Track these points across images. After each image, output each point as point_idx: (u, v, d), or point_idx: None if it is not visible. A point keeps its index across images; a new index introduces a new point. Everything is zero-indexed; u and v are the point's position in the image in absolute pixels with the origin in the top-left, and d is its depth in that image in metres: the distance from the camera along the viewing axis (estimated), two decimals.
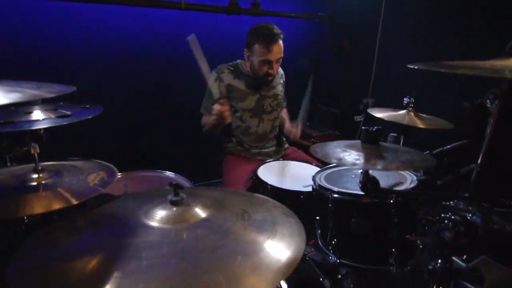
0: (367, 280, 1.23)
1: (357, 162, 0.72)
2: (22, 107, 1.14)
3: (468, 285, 1.36)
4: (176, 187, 0.75)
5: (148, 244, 0.63)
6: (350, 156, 0.75)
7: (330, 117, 2.80)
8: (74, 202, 0.87)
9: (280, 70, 1.95)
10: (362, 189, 0.78)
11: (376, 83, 2.56)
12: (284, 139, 2.01)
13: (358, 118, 2.61)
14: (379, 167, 0.70)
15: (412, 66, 0.89)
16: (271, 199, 0.91)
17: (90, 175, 0.95)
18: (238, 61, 1.85)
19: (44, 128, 1.11)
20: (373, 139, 0.79)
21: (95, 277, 0.53)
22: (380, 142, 0.84)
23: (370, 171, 0.82)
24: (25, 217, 1.22)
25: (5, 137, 0.95)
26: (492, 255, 1.20)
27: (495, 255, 1.21)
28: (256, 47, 1.65)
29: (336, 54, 2.86)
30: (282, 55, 1.70)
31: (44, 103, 1.21)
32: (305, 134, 2.67)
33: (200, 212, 0.75)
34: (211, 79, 1.53)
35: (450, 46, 2.00)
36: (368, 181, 0.77)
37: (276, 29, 1.65)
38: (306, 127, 2.87)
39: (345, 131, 2.70)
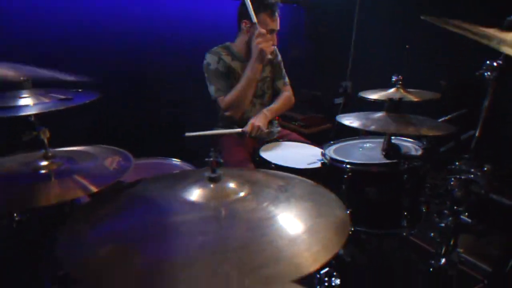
0: (364, 253, 1.33)
1: (390, 127, 0.77)
2: (11, 91, 1.02)
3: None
4: (214, 164, 0.74)
5: (203, 219, 0.62)
6: (380, 122, 0.79)
7: (311, 100, 2.87)
8: (94, 189, 0.81)
9: (275, 50, 1.91)
10: (385, 155, 0.83)
11: (354, 66, 2.67)
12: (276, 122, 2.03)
13: (338, 100, 2.72)
14: (411, 131, 0.75)
15: (423, 18, 0.93)
16: (293, 175, 0.94)
17: (106, 160, 0.90)
18: (228, 43, 1.80)
19: (35, 115, 1.01)
20: (397, 108, 0.84)
21: (166, 255, 0.52)
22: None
23: (367, 145, 0.86)
24: (15, 214, 1.12)
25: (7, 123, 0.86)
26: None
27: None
28: (261, 16, 1.60)
29: (315, 38, 2.92)
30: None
31: (34, 87, 1.10)
32: (290, 117, 2.72)
33: (238, 188, 0.74)
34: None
35: (428, 27, 2.12)
36: (391, 148, 0.82)
37: None
38: (289, 110, 2.91)
39: (326, 113, 2.80)
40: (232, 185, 0.75)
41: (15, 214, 1.09)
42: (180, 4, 2.23)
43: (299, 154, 1.58)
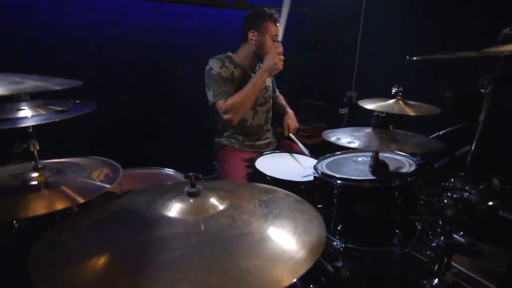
0: (363, 267, 1.29)
1: (373, 144, 0.75)
2: (10, 104, 1.07)
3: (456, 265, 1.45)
4: (193, 178, 0.75)
5: (174, 235, 0.62)
6: (364, 139, 0.77)
7: (315, 111, 2.86)
8: (81, 200, 0.83)
9: None
10: (372, 173, 0.81)
11: (359, 76, 2.65)
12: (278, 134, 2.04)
13: (343, 110, 2.68)
14: (394, 148, 0.73)
15: (415, 58, 0.93)
16: (280, 189, 0.93)
17: (94, 172, 0.92)
18: (229, 53, 1.84)
19: (32, 126, 1.05)
20: (383, 124, 0.82)
21: (130, 272, 0.52)
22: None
23: (363, 159, 0.85)
24: (15, 222, 1.16)
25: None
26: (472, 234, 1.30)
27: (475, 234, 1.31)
28: (266, 24, 1.71)
29: (320, 48, 2.92)
30: None
31: (32, 99, 1.14)
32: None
33: (218, 203, 0.74)
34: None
35: (432, 37, 2.09)
36: (377, 165, 0.81)
37: None
38: None
39: (330, 124, 2.77)
40: (211, 200, 0.75)
41: (14, 221, 1.12)
42: (174, 15, 2.27)
43: (297, 166, 1.56)
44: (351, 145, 0.78)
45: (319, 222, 0.73)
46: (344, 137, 0.81)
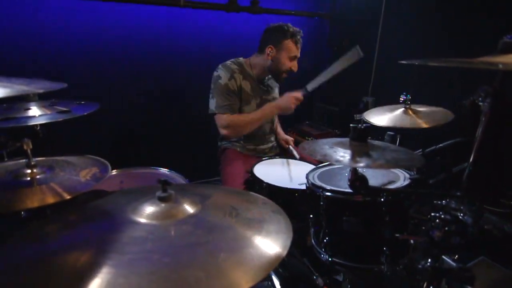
0: (364, 282, 1.23)
1: (342, 159, 0.72)
2: (19, 103, 1.15)
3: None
4: (164, 183, 0.76)
5: (132, 239, 0.63)
6: (336, 153, 0.74)
7: (329, 116, 2.79)
8: (67, 196, 0.88)
9: None
10: (350, 187, 0.78)
11: (376, 82, 2.55)
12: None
13: (358, 116, 2.60)
14: (361, 164, 0.70)
15: (404, 62, 0.88)
16: (261, 196, 0.91)
17: (83, 171, 0.96)
18: (241, 59, 1.82)
19: (40, 124, 1.12)
20: (361, 136, 0.78)
21: (80, 272, 0.54)
22: (371, 140, 0.83)
23: (362, 170, 0.82)
24: (22, 212, 1.24)
25: (1, 133, 0.97)
26: (491, 256, 1.19)
27: (494, 256, 1.20)
28: (287, 42, 1.69)
29: (336, 52, 2.84)
30: None
31: (40, 99, 1.22)
32: (304, 133, 2.66)
33: (188, 209, 0.75)
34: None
35: (450, 44, 1.98)
36: (356, 179, 0.77)
37: None
38: (306, 125, 2.86)
39: (346, 130, 2.69)
40: (181, 206, 0.75)
41: (22, 212, 1.21)
42: (188, 19, 2.30)
43: (296, 173, 1.53)
44: (320, 158, 0.75)
45: (288, 235, 0.71)
46: (320, 150, 0.77)
